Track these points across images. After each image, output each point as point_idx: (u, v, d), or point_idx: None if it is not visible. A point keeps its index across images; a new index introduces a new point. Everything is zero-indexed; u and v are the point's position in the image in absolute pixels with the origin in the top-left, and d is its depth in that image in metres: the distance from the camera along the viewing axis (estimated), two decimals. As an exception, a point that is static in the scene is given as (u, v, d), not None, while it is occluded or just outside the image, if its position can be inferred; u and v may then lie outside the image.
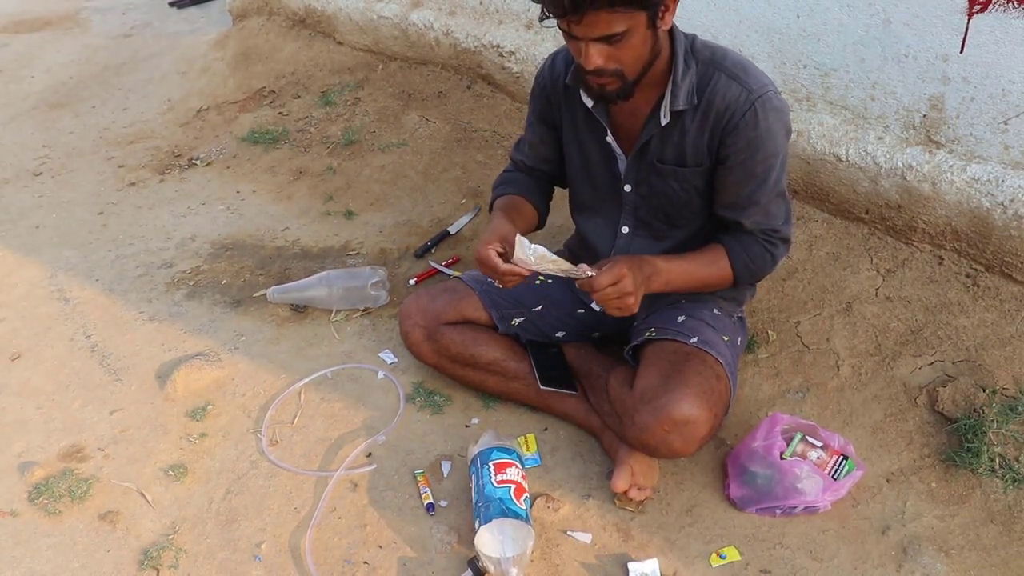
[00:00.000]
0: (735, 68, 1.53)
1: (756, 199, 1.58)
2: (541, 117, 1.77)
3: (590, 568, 1.56)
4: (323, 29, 3.70)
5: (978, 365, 1.81)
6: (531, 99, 1.79)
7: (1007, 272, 1.97)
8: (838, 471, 1.61)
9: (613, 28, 1.36)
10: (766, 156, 1.54)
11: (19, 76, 4.08)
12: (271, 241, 2.61)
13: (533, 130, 1.81)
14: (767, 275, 1.70)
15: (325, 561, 1.60)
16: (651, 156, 1.62)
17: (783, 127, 1.55)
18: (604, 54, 1.41)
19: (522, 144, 1.87)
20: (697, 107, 1.54)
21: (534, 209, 1.83)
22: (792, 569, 1.53)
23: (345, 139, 3.07)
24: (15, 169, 3.19)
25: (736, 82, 1.52)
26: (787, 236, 1.66)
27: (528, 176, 1.87)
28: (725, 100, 1.52)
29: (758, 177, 1.56)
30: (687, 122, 1.56)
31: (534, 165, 1.85)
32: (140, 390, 2.04)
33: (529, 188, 1.84)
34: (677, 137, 1.58)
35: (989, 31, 1.83)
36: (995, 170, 1.93)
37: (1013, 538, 1.53)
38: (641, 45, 1.42)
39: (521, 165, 1.87)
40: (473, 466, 1.65)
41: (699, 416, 1.55)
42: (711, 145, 1.57)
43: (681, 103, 1.53)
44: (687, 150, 1.59)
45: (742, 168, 1.56)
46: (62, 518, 1.72)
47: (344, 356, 2.11)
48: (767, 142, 1.53)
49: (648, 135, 1.59)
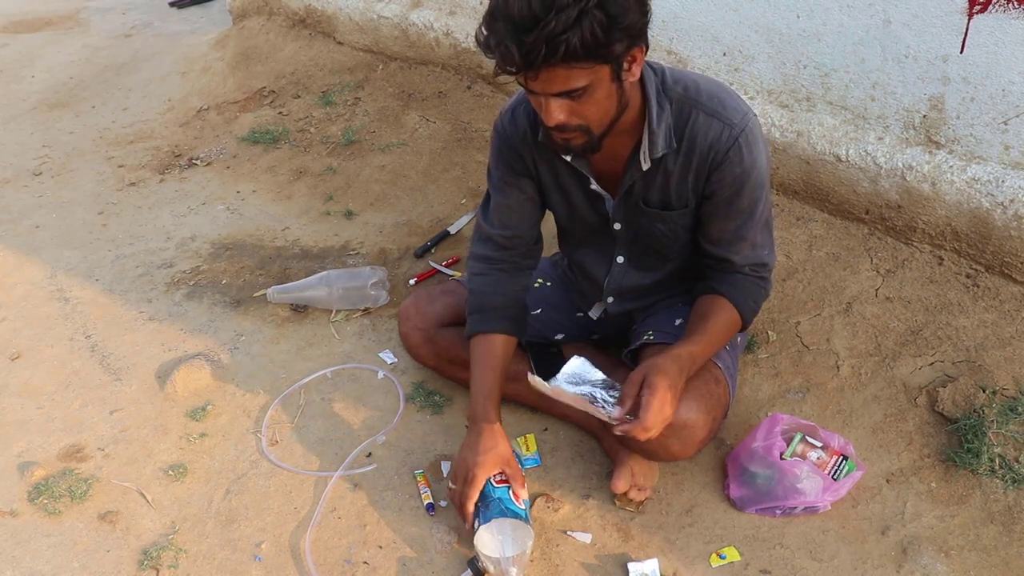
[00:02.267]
0: (711, 103, 1.46)
1: (743, 234, 1.55)
2: (512, 171, 1.63)
3: (590, 568, 1.56)
4: (323, 29, 3.70)
5: (978, 365, 1.81)
6: (494, 156, 1.64)
7: (1007, 272, 1.97)
8: (838, 471, 1.61)
9: (572, 84, 1.28)
10: (752, 190, 1.51)
11: (19, 76, 4.08)
12: (271, 241, 2.61)
13: (503, 192, 1.65)
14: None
15: (325, 561, 1.60)
16: (636, 197, 1.57)
17: (765, 156, 1.52)
18: (566, 109, 1.33)
19: (491, 213, 1.68)
20: (679, 150, 1.49)
21: (509, 339, 1.68)
22: (792, 569, 1.53)
23: (345, 139, 3.07)
24: (15, 169, 3.19)
25: (716, 119, 1.46)
26: (772, 266, 1.64)
27: (509, 274, 1.70)
28: (707, 139, 1.47)
29: (745, 212, 1.53)
30: (669, 164, 1.51)
31: (511, 234, 1.67)
32: (140, 390, 2.04)
33: (504, 306, 1.68)
34: (661, 180, 1.53)
35: (989, 31, 1.83)
36: (995, 170, 1.93)
37: (1013, 538, 1.53)
38: (606, 100, 1.34)
39: (501, 242, 1.68)
40: None
41: (697, 420, 1.54)
42: (696, 185, 1.52)
43: (660, 149, 1.47)
44: (672, 193, 1.54)
45: (728, 205, 1.52)
46: (62, 518, 1.72)
47: (344, 356, 2.11)
48: (753, 176, 1.49)
49: (631, 180, 1.54)
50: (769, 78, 2.29)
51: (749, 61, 2.31)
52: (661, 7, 2.43)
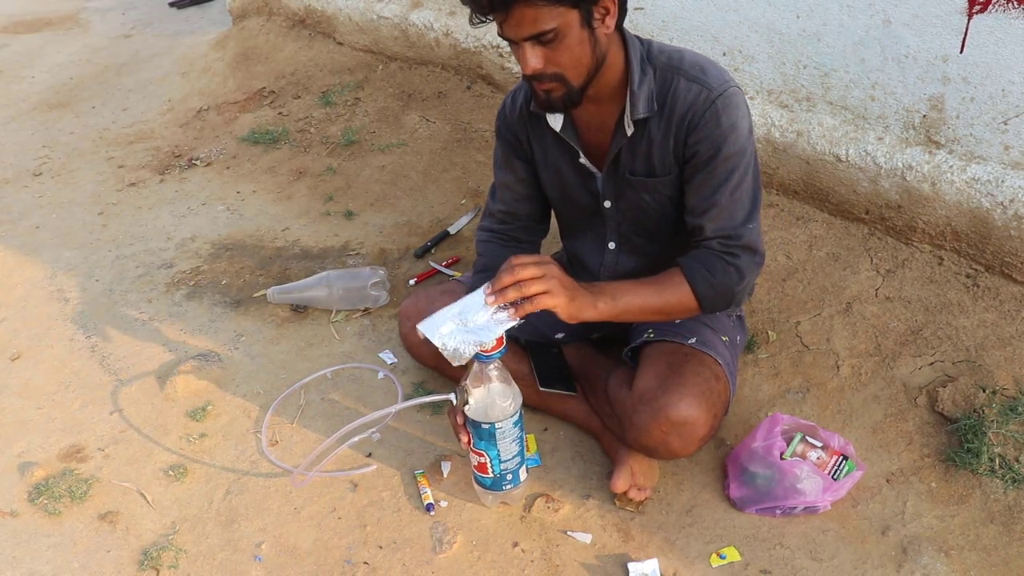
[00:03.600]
0: (693, 69, 1.50)
1: (717, 200, 1.51)
2: (511, 153, 1.72)
3: (590, 568, 1.56)
4: (323, 29, 3.70)
5: (978, 365, 1.81)
6: (497, 139, 1.73)
7: (1007, 272, 1.97)
8: (838, 471, 1.61)
9: (540, 25, 1.33)
10: (729, 155, 1.50)
11: (19, 76, 4.09)
12: (271, 241, 2.61)
13: (504, 171, 1.74)
14: (741, 293, 1.57)
15: (325, 561, 1.60)
16: (623, 169, 1.59)
17: (747, 124, 1.51)
18: (541, 56, 1.38)
19: (495, 192, 1.79)
20: (660, 114, 1.51)
21: None
22: (792, 569, 1.53)
23: (345, 139, 3.07)
24: (15, 169, 3.19)
25: (696, 83, 1.48)
26: (751, 244, 1.53)
27: (505, 244, 1.78)
28: (686, 102, 1.49)
29: (719, 176, 1.51)
30: (652, 130, 1.53)
31: (513, 210, 1.76)
32: (140, 390, 2.04)
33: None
34: (645, 147, 1.55)
35: (989, 31, 1.83)
36: (995, 170, 1.93)
37: (1013, 538, 1.53)
38: (577, 46, 1.38)
39: (500, 217, 1.78)
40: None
41: (697, 417, 1.54)
42: (676, 150, 1.54)
43: (641, 111, 1.50)
44: (655, 159, 1.56)
45: (704, 168, 1.51)
46: (62, 518, 1.72)
47: (344, 356, 2.11)
48: (730, 140, 1.49)
49: (617, 147, 1.56)
50: (769, 78, 2.29)
51: (749, 61, 2.31)
52: (661, 7, 2.44)
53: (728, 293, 1.53)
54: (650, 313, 1.53)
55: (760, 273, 1.64)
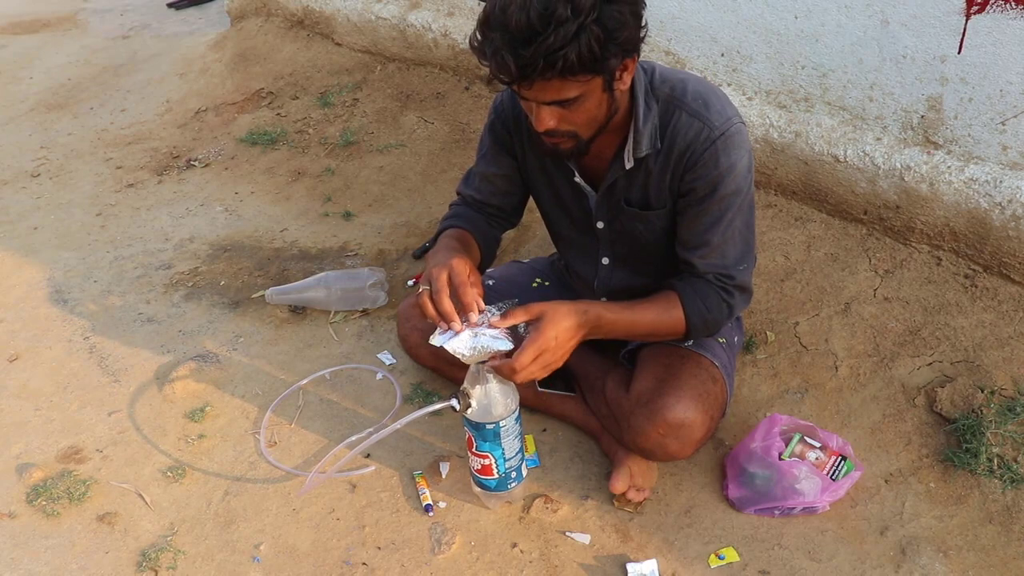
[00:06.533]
0: (696, 104, 1.45)
1: (709, 239, 1.50)
2: (501, 149, 1.67)
3: (589, 569, 1.56)
4: (321, 30, 3.70)
5: (976, 366, 1.81)
6: (488, 130, 1.68)
7: (1005, 273, 1.97)
8: (836, 472, 1.61)
9: (565, 94, 1.29)
10: (724, 195, 1.47)
11: (17, 77, 4.08)
12: (269, 242, 2.61)
13: (488, 161, 1.69)
14: (721, 328, 1.59)
15: (324, 562, 1.60)
16: (618, 195, 1.57)
17: (746, 162, 1.48)
18: (557, 116, 1.34)
19: (471, 178, 1.75)
20: (660, 149, 1.48)
21: (478, 248, 1.67)
22: (791, 570, 1.53)
23: (343, 140, 3.07)
24: (13, 171, 3.19)
25: (697, 119, 1.44)
26: (744, 284, 1.55)
27: (477, 212, 1.74)
28: (687, 139, 1.45)
29: (712, 215, 1.49)
30: (651, 164, 1.50)
31: (485, 200, 1.72)
32: (138, 391, 2.04)
33: (477, 225, 1.70)
34: (642, 179, 1.53)
35: (987, 32, 1.83)
36: (993, 171, 1.93)
37: (1012, 538, 1.54)
38: (596, 108, 1.35)
39: (470, 200, 1.74)
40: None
41: (695, 419, 1.54)
42: (672, 184, 1.51)
43: (644, 148, 1.47)
44: (651, 193, 1.54)
45: (698, 206, 1.49)
46: (60, 519, 1.72)
47: (343, 357, 2.11)
48: (727, 180, 1.46)
49: (613, 176, 1.54)
50: (767, 79, 2.29)
51: (747, 62, 2.31)
52: (659, 7, 2.44)
53: (715, 327, 1.57)
54: (637, 337, 1.60)
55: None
